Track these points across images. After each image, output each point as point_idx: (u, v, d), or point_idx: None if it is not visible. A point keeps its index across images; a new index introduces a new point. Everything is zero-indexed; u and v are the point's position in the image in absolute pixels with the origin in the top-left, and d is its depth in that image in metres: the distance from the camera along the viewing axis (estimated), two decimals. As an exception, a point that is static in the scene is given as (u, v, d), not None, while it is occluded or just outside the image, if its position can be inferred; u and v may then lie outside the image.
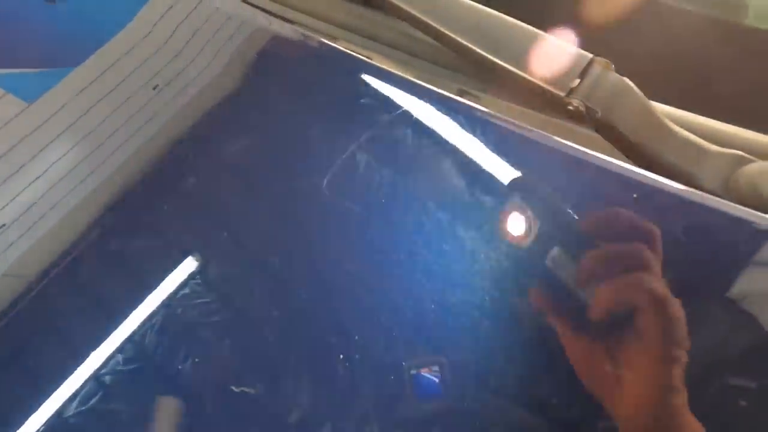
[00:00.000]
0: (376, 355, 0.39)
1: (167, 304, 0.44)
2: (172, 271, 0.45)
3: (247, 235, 0.47)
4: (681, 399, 0.32)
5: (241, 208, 0.49)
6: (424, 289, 0.40)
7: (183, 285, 0.44)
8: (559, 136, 0.47)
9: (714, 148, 0.42)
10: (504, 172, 0.43)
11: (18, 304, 0.45)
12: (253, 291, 0.45)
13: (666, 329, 0.32)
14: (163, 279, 0.45)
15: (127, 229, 0.49)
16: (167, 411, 0.41)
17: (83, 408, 0.41)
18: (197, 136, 0.53)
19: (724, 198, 0.40)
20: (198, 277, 0.44)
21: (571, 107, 0.42)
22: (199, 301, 0.44)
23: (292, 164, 0.49)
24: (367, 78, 0.50)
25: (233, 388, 0.40)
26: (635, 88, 0.43)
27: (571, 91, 0.42)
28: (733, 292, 0.36)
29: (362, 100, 0.49)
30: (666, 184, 0.41)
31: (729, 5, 0.50)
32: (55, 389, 0.42)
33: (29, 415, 0.41)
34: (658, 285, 0.33)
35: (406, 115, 0.47)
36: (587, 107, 0.42)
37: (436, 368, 0.38)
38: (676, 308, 0.32)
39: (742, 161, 0.41)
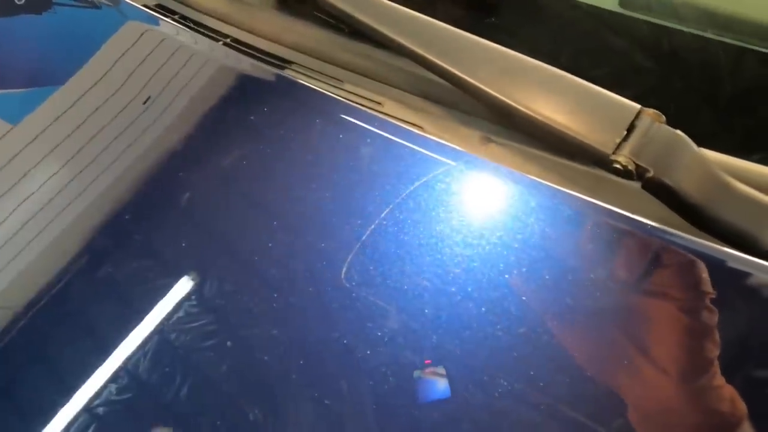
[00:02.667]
0: (380, 367, 0.37)
1: (161, 329, 0.41)
2: (166, 294, 0.43)
3: (241, 252, 0.45)
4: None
5: (234, 225, 0.46)
6: (424, 294, 0.38)
7: (177, 308, 0.42)
8: (596, 191, 0.42)
9: (782, 206, 0.37)
10: (531, 232, 0.39)
11: (5, 337, 0.43)
12: (249, 310, 0.42)
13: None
14: (156, 303, 0.42)
15: (117, 252, 0.46)
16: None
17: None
18: (190, 151, 0.50)
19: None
20: (193, 298, 0.42)
21: (618, 165, 0.37)
22: (194, 324, 0.41)
23: (288, 179, 0.46)
24: (371, 129, 0.46)
25: (233, 412, 0.38)
26: (690, 141, 0.38)
27: (617, 148, 0.37)
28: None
29: (363, 152, 0.45)
30: (727, 253, 0.36)
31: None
32: (47, 423, 0.39)
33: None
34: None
35: (417, 171, 0.43)
36: (637, 165, 0.37)
37: (441, 371, 0.36)
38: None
39: (816, 222, 0.36)
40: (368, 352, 0.38)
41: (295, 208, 0.45)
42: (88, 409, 0.39)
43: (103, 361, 0.41)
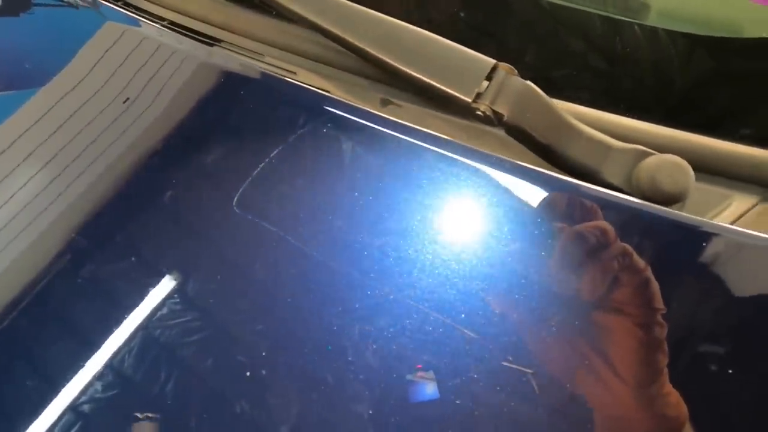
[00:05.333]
0: (368, 364, 0.39)
1: (145, 326, 0.43)
2: (149, 292, 0.44)
3: (223, 248, 0.47)
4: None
5: (215, 222, 0.48)
6: (414, 295, 0.40)
7: (161, 306, 0.44)
8: (473, 140, 0.49)
9: (618, 143, 0.44)
10: (418, 181, 0.45)
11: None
12: (234, 305, 0.44)
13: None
14: (139, 301, 0.44)
15: (100, 251, 0.48)
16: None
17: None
18: (170, 150, 0.52)
19: (626, 193, 0.42)
20: (176, 296, 0.44)
21: (479, 112, 0.44)
22: (178, 320, 0.43)
23: (268, 174, 0.48)
24: (289, 93, 0.52)
25: (219, 408, 0.40)
26: (539, 90, 0.44)
27: (477, 96, 0.44)
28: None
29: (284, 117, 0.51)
30: (570, 182, 0.43)
31: (629, 5, 0.52)
32: (32, 422, 0.41)
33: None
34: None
35: (327, 128, 0.48)
36: (494, 111, 0.44)
37: (431, 373, 0.38)
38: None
39: (642, 155, 0.43)
40: (358, 342, 0.39)
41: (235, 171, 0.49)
42: (73, 406, 0.40)
43: (88, 358, 0.42)
